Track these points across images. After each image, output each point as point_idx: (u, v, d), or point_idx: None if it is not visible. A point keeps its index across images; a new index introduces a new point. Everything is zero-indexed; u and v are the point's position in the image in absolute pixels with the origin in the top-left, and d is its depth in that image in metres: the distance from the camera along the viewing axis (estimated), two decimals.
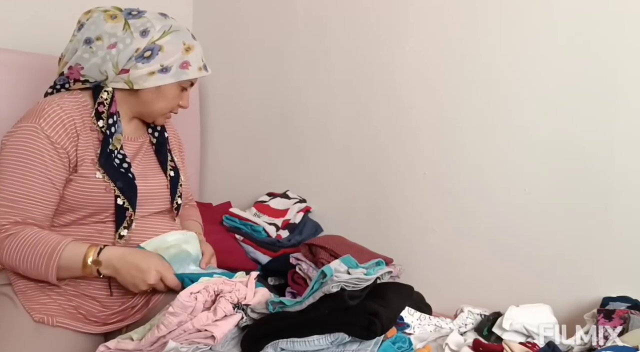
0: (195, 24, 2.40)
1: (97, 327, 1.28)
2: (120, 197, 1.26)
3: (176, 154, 1.49)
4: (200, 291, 1.07)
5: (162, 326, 1.03)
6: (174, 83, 1.32)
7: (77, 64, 1.29)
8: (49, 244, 1.19)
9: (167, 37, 1.30)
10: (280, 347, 1.04)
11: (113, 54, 1.27)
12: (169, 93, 1.34)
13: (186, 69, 1.32)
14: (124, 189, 1.27)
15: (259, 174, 2.25)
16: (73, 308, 1.26)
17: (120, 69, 1.28)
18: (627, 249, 1.54)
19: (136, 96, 1.33)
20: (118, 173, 1.27)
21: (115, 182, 1.26)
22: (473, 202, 1.77)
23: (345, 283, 1.05)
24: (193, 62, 1.33)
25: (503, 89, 1.71)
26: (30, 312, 1.22)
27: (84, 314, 1.26)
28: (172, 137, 1.51)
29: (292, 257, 1.73)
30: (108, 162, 1.27)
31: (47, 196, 1.23)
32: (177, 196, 1.41)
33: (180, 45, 1.31)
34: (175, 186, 1.41)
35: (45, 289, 1.25)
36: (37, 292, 1.25)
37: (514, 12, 1.68)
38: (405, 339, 1.15)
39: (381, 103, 1.94)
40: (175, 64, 1.30)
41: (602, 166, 1.56)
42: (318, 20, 2.08)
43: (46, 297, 1.25)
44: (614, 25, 1.54)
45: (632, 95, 1.52)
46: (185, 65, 1.31)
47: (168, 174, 1.40)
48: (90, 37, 1.27)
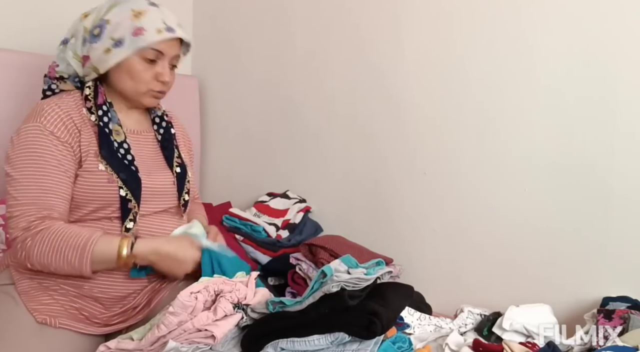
0: (195, 23, 2.41)
1: (99, 328, 1.27)
2: (124, 188, 1.26)
3: (184, 151, 1.48)
4: (200, 290, 1.07)
5: (163, 326, 1.03)
6: (133, 55, 1.27)
7: (53, 62, 1.35)
8: (82, 236, 1.19)
9: (114, 9, 1.28)
10: (281, 346, 1.04)
11: (72, 43, 1.31)
12: (134, 68, 1.29)
13: (140, 35, 1.26)
14: (127, 180, 1.26)
15: (259, 174, 2.25)
16: (75, 309, 1.26)
17: (81, 57, 1.30)
18: (627, 249, 1.54)
19: (110, 82, 1.33)
20: (122, 165, 1.27)
21: (118, 174, 1.26)
22: (473, 202, 1.77)
23: (345, 283, 1.06)
24: (148, 26, 1.26)
25: (503, 89, 1.71)
26: (33, 312, 1.22)
27: (86, 315, 1.26)
28: (179, 134, 1.50)
29: (292, 257, 1.73)
30: (110, 153, 1.26)
31: (65, 188, 1.23)
32: (185, 193, 1.39)
33: (128, 12, 1.26)
34: (182, 182, 1.39)
35: (49, 290, 1.25)
36: (40, 292, 1.25)
37: (513, 12, 1.68)
38: (405, 339, 1.15)
39: (381, 103, 1.94)
40: (126, 33, 1.26)
41: (602, 166, 1.56)
42: (318, 21, 2.08)
43: (49, 298, 1.25)
44: (614, 25, 1.53)
45: (632, 96, 1.52)
46: (139, 32, 1.26)
47: (174, 171, 1.39)
48: (66, 38, 1.34)
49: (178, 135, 1.48)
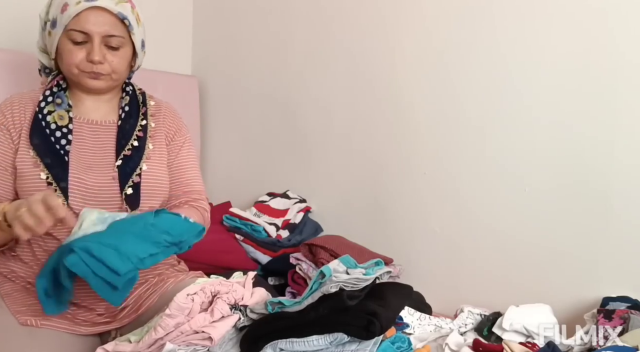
0: (195, 23, 2.41)
1: (87, 328, 1.23)
2: (45, 171, 1.23)
3: (163, 147, 1.39)
4: (197, 292, 1.06)
5: (159, 328, 1.03)
6: (63, 36, 1.26)
7: None
8: None
9: None
10: (280, 347, 1.04)
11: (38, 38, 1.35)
12: (64, 49, 1.27)
13: (65, 11, 1.24)
14: (52, 165, 1.23)
15: (259, 174, 2.25)
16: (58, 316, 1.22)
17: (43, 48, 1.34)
18: (627, 249, 1.54)
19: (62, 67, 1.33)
20: (50, 149, 1.24)
21: (43, 158, 1.24)
22: (473, 202, 1.77)
23: (344, 283, 1.05)
24: (70, 1, 1.24)
25: (503, 89, 1.71)
26: (16, 314, 1.19)
27: (72, 314, 1.23)
28: (163, 127, 1.40)
29: (292, 257, 1.73)
30: (41, 137, 1.25)
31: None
32: (128, 187, 1.29)
33: None
34: (126, 175, 1.29)
35: (31, 291, 1.22)
36: (24, 294, 1.24)
37: (513, 12, 1.68)
38: (404, 339, 1.14)
39: (381, 103, 1.94)
40: (57, 12, 1.25)
41: (602, 166, 1.56)
42: (318, 20, 2.08)
43: (33, 299, 1.21)
44: (614, 25, 1.53)
45: (632, 95, 1.52)
46: (65, 8, 1.24)
47: (117, 162, 1.30)
48: None
49: (160, 128, 1.40)
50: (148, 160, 1.34)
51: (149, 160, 1.34)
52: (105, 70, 1.29)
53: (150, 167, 1.34)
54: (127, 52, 1.32)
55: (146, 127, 1.37)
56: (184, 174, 1.41)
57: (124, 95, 1.39)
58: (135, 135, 1.35)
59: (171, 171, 1.40)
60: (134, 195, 1.29)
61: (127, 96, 1.39)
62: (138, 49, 1.34)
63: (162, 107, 1.44)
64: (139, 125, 1.36)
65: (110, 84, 1.33)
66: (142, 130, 1.36)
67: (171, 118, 1.44)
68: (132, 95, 1.40)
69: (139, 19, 1.34)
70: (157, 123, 1.40)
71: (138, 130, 1.35)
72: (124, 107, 1.37)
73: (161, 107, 1.44)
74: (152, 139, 1.37)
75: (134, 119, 1.36)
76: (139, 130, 1.36)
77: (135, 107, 1.39)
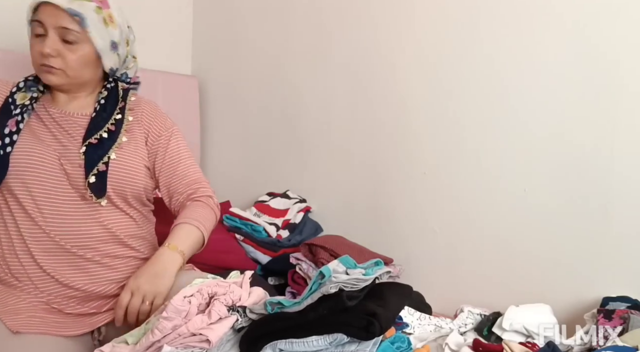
0: (195, 23, 2.41)
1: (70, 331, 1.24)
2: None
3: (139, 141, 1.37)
4: (194, 294, 1.06)
5: (157, 331, 1.02)
6: (30, 29, 1.29)
7: None
8: None
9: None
10: (279, 348, 1.04)
11: None
12: (30, 43, 1.29)
13: (29, 5, 1.28)
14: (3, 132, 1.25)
15: (259, 174, 2.25)
16: (45, 304, 1.24)
17: None
18: (627, 249, 1.54)
19: None
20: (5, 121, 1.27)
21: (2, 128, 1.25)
22: (473, 202, 1.77)
23: (344, 284, 1.05)
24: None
25: (503, 89, 1.71)
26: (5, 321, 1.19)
27: (56, 308, 1.24)
28: (141, 122, 1.39)
29: (292, 257, 1.73)
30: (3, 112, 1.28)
31: None
32: (92, 174, 1.26)
33: None
34: (92, 163, 1.27)
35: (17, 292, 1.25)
36: (6, 295, 1.25)
37: (513, 11, 1.68)
38: (404, 339, 1.14)
39: (381, 103, 1.94)
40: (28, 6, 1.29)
41: (602, 166, 1.55)
42: (318, 20, 2.08)
43: (16, 299, 1.24)
44: (614, 24, 1.53)
45: (632, 95, 1.52)
46: (31, 3, 1.28)
47: (81, 149, 1.28)
48: None
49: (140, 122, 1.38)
50: (119, 149, 1.32)
51: (120, 150, 1.32)
52: (57, 64, 1.27)
53: (121, 157, 1.31)
54: (86, 49, 1.29)
55: (121, 122, 1.35)
56: (178, 166, 1.40)
57: (102, 90, 1.38)
58: (107, 128, 1.32)
59: (164, 167, 1.38)
60: (98, 183, 1.27)
61: (106, 91, 1.37)
62: (101, 49, 1.30)
63: (142, 102, 1.42)
64: (113, 119, 1.34)
65: (66, 81, 1.30)
66: (115, 124, 1.34)
67: (150, 113, 1.41)
68: (112, 90, 1.38)
69: (110, 20, 1.31)
70: (135, 117, 1.38)
71: (111, 124, 1.33)
72: (100, 101, 1.36)
73: (140, 102, 1.42)
74: (127, 132, 1.35)
75: (107, 113, 1.34)
76: (111, 124, 1.33)
77: (112, 102, 1.36)
